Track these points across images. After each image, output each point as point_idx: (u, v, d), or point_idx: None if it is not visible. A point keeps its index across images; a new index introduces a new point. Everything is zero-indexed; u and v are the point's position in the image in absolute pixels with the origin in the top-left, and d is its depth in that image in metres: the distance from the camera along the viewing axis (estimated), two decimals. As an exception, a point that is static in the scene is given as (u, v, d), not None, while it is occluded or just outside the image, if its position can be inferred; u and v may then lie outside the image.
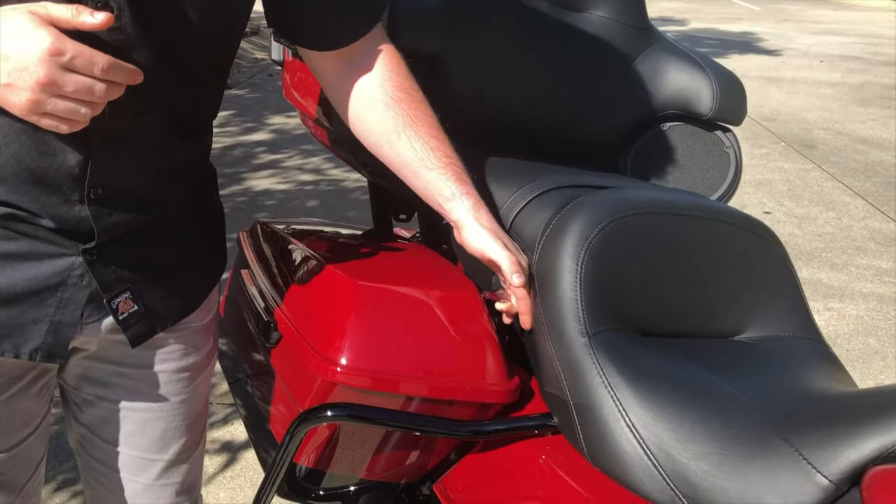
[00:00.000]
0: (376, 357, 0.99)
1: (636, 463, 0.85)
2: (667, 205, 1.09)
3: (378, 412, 1.00)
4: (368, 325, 1.02)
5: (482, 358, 1.03)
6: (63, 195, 0.82)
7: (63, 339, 0.88)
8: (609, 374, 0.90)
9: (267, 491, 1.10)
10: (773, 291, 1.12)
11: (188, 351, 1.04)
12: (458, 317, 1.05)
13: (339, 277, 1.08)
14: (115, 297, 0.89)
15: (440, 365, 1.01)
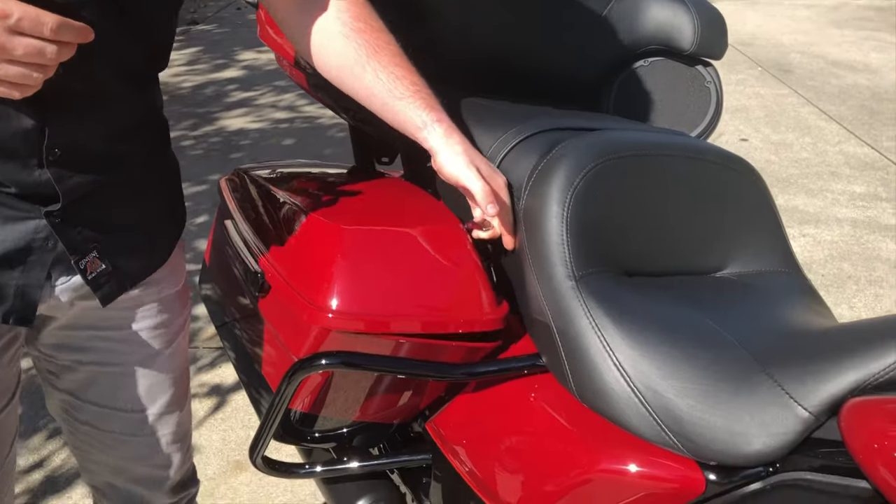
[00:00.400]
0: (367, 299, 1.00)
1: (623, 400, 0.88)
2: (649, 146, 1.10)
3: (371, 358, 1.02)
4: (355, 268, 1.02)
5: (470, 289, 1.03)
6: (21, 160, 0.81)
7: (31, 302, 0.88)
8: (596, 316, 0.92)
9: (264, 437, 1.13)
10: (755, 227, 1.14)
11: (163, 309, 1.04)
12: (442, 250, 1.05)
13: (322, 223, 1.08)
14: (83, 257, 0.89)
15: (430, 300, 1.02)
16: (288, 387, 1.04)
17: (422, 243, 1.06)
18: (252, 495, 1.82)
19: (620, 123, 1.25)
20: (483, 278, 1.04)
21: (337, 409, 1.16)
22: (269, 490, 1.84)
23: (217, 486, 1.84)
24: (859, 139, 4.28)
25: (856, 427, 0.76)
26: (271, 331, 1.16)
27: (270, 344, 1.17)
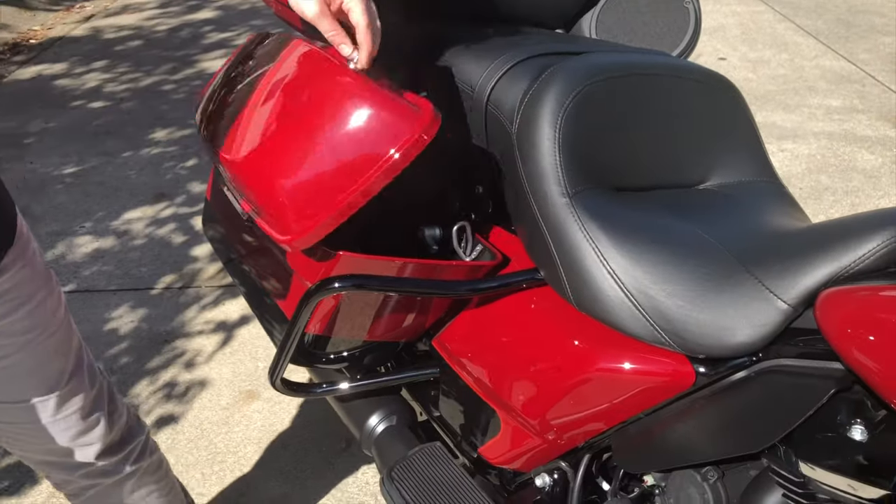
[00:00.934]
0: (305, 208, 0.98)
1: (618, 305, 0.96)
2: (634, 66, 1.15)
3: (381, 280, 1.08)
4: (276, 189, 1.01)
5: (388, 114, 0.97)
6: None
7: None
8: (590, 229, 0.99)
9: (282, 360, 1.20)
10: (734, 140, 1.20)
11: (23, 290, 0.97)
12: (338, 105, 0.99)
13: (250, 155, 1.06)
14: None
15: (358, 159, 0.97)
16: (304, 311, 1.11)
17: (314, 115, 1.00)
18: (265, 421, 1.92)
19: (603, 46, 1.29)
20: (386, 95, 0.98)
21: (348, 332, 1.23)
22: (281, 415, 1.93)
23: (231, 415, 1.93)
24: (836, 52, 4.33)
25: (830, 315, 0.84)
26: (280, 261, 1.22)
27: (280, 274, 1.23)
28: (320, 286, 1.08)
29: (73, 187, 3.00)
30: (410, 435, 1.34)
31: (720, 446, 0.94)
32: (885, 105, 3.65)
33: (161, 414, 1.93)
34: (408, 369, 1.34)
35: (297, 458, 1.81)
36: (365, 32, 0.94)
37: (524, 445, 1.11)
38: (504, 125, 1.11)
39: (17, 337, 0.98)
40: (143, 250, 2.61)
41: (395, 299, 1.18)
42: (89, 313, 2.29)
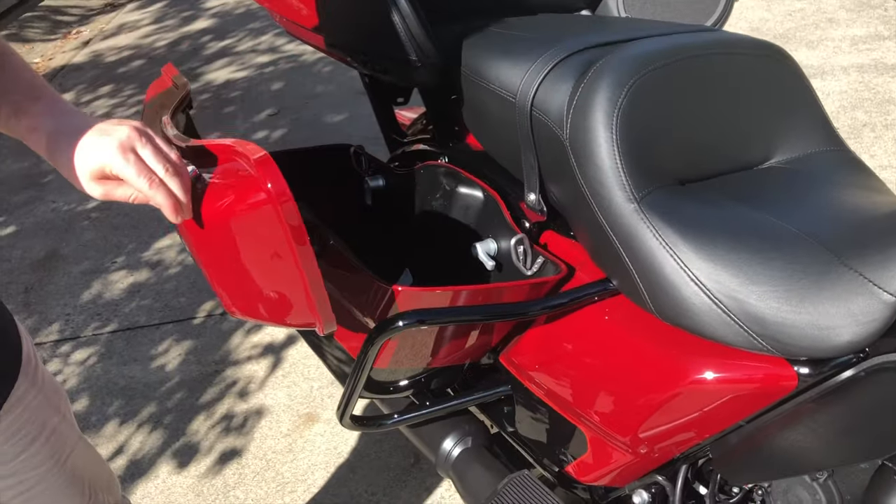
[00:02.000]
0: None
1: (707, 313, 0.90)
2: (681, 50, 1.08)
3: (445, 312, 1.03)
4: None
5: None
6: None
7: None
8: (664, 234, 0.93)
9: (351, 398, 1.16)
10: (793, 110, 1.13)
11: (31, 426, 0.91)
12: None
13: None
14: None
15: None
16: (370, 351, 1.06)
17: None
18: (328, 444, 1.88)
19: (639, 28, 1.21)
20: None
21: (413, 362, 1.19)
22: (344, 436, 1.90)
23: (294, 442, 1.90)
24: (851, -21, 4.18)
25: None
26: (337, 299, 1.17)
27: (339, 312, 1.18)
28: (383, 326, 1.03)
29: (99, 222, 2.97)
30: (488, 455, 1.30)
31: (836, 454, 0.88)
32: (912, 28, 3.52)
33: (223, 449, 1.91)
34: (477, 390, 1.29)
35: (367, 481, 1.78)
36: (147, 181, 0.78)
37: (615, 462, 1.06)
38: (553, 130, 1.04)
39: (36, 470, 0.92)
40: (178, 279, 2.58)
41: (462, 326, 1.13)
42: (135, 352, 2.27)
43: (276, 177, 0.83)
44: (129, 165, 0.76)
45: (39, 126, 0.81)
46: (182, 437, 1.95)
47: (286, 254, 0.87)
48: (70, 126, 0.80)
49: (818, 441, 0.89)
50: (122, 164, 0.76)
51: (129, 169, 0.76)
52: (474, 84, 1.17)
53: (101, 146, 0.77)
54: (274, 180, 0.83)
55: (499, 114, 1.14)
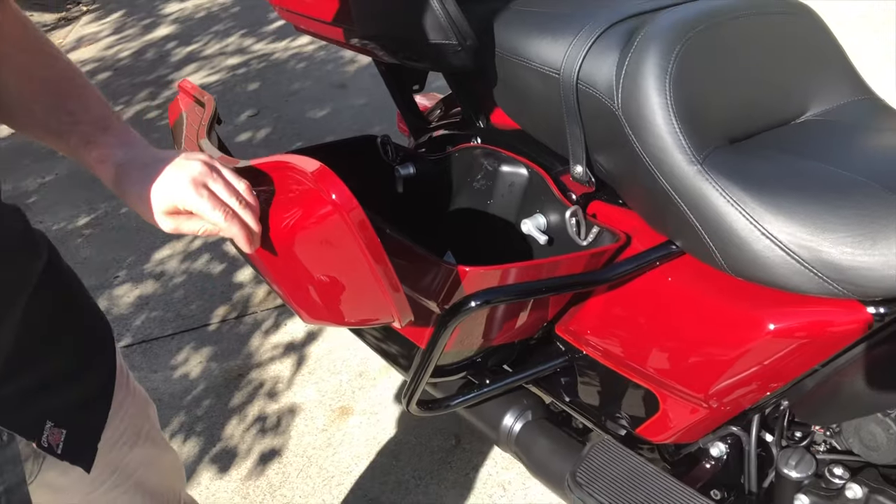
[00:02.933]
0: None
1: (781, 265, 0.93)
2: (719, 13, 1.11)
3: (517, 289, 1.05)
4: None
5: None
6: None
7: (23, 502, 0.76)
8: (731, 192, 0.96)
9: (419, 385, 1.18)
10: (823, 64, 1.17)
11: (130, 427, 0.93)
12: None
13: None
14: (41, 434, 0.76)
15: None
16: (442, 335, 1.08)
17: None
18: (367, 434, 1.90)
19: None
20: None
21: (477, 341, 1.21)
22: (382, 425, 1.92)
23: (332, 436, 1.91)
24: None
25: None
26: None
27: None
28: (455, 309, 1.05)
29: (93, 238, 2.94)
30: (550, 426, 1.33)
31: (918, 386, 0.92)
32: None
33: (262, 451, 1.91)
34: (533, 364, 1.31)
35: (412, 466, 1.80)
36: (219, 214, 0.79)
37: (690, 418, 1.09)
38: (602, 101, 1.06)
39: (132, 476, 0.94)
40: (186, 287, 2.56)
41: (523, 302, 1.15)
42: (154, 364, 2.25)
43: (339, 186, 0.84)
44: (204, 201, 0.77)
45: (109, 157, 0.81)
46: (218, 443, 1.95)
47: (358, 258, 0.88)
48: (139, 159, 0.81)
49: (894, 377, 0.93)
50: (195, 201, 0.77)
51: (203, 204, 0.77)
52: (512, 63, 1.18)
53: (174, 183, 0.77)
54: (337, 191, 0.83)
55: (540, 90, 1.16)
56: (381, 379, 2.06)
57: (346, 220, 0.82)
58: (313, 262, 0.93)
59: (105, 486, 0.89)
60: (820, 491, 1.09)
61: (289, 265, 0.94)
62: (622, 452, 1.11)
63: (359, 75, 3.78)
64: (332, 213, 0.83)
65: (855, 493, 1.05)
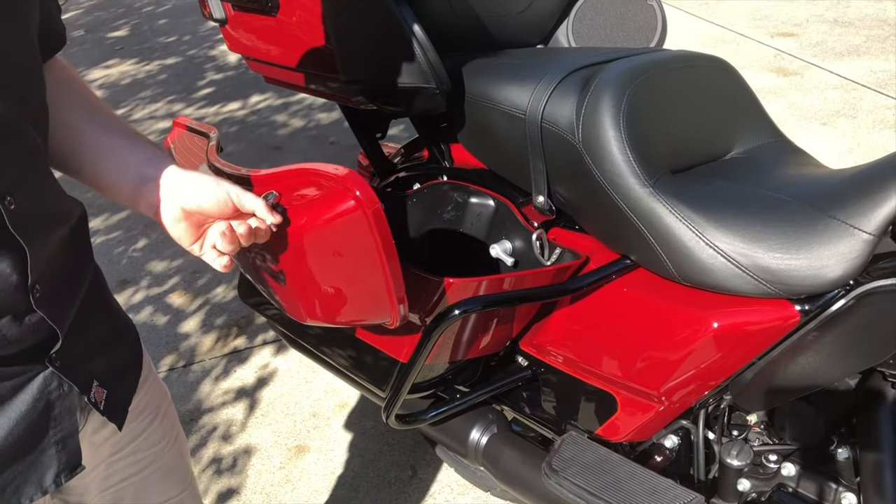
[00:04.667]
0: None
1: (723, 270, 1.10)
2: (658, 64, 1.30)
3: (501, 297, 1.18)
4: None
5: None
6: (9, 312, 0.73)
7: (73, 449, 0.82)
8: (679, 210, 1.13)
9: (399, 396, 1.28)
10: (743, 112, 1.37)
11: (151, 402, 1.00)
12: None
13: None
14: (90, 391, 0.83)
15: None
16: (427, 344, 1.19)
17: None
18: (325, 469, 1.96)
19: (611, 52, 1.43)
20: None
21: (452, 354, 1.32)
22: (338, 460, 1.98)
23: (290, 472, 1.96)
24: (701, 19, 4.68)
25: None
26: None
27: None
28: (440, 318, 1.17)
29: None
30: (516, 437, 1.44)
31: (838, 369, 1.09)
32: (763, 58, 4.01)
33: (219, 490, 1.94)
34: (498, 379, 1.43)
35: (371, 497, 1.87)
36: (265, 211, 0.89)
37: (646, 415, 1.24)
38: (565, 137, 1.23)
39: (151, 449, 1.01)
40: (128, 339, 2.57)
41: (496, 315, 1.28)
42: (101, 412, 2.25)
43: (364, 185, 0.96)
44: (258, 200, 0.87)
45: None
46: (173, 485, 1.96)
47: (371, 256, 1.00)
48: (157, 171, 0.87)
49: (822, 362, 1.10)
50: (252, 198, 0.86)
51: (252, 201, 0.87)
52: (481, 106, 1.34)
53: (220, 185, 0.85)
54: (362, 189, 0.96)
55: (507, 129, 1.32)
56: (335, 418, 2.13)
57: (367, 214, 0.94)
58: (321, 260, 1.02)
59: (126, 452, 0.96)
60: (759, 476, 1.25)
61: (294, 264, 1.03)
62: (589, 444, 1.24)
63: (294, 138, 3.90)
64: (355, 209, 0.95)
65: (789, 471, 1.21)
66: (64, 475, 0.80)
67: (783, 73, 3.88)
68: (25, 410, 0.76)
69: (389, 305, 1.05)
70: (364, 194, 0.96)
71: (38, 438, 0.78)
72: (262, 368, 2.35)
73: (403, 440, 2.02)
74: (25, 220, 0.72)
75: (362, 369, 1.45)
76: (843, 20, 4.52)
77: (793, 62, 3.97)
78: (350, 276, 1.05)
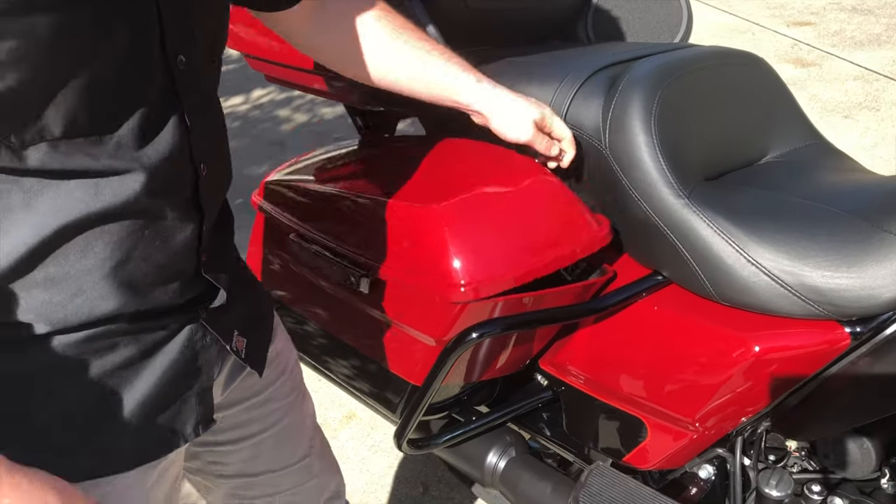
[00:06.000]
0: (493, 263, 1.05)
1: (766, 289, 1.00)
2: (686, 62, 1.20)
3: (514, 319, 1.09)
4: (469, 239, 1.07)
5: (575, 216, 1.12)
6: (182, 275, 0.76)
7: (209, 404, 0.83)
8: (717, 223, 1.03)
9: (413, 421, 1.19)
10: (779, 112, 1.28)
11: (280, 354, 1.00)
12: (532, 192, 1.13)
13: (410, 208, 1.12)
14: (231, 340, 0.85)
15: (544, 242, 1.08)
16: (443, 367, 1.10)
17: (510, 193, 1.12)
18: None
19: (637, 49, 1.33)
20: (579, 203, 1.13)
21: (467, 376, 1.23)
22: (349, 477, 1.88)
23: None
24: (717, 9, 4.57)
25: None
26: (388, 324, 1.20)
27: (391, 337, 1.21)
28: (459, 340, 1.08)
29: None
30: (534, 461, 1.35)
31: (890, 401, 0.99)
32: (779, 48, 3.89)
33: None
34: (517, 400, 1.34)
35: (381, 515, 1.78)
36: (570, 142, 1.12)
37: (679, 443, 1.14)
38: (590, 142, 1.13)
39: (283, 400, 1.00)
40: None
41: (515, 335, 1.18)
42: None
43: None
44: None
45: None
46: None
47: None
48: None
49: (875, 390, 1.01)
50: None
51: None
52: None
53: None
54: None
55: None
56: (342, 430, 2.04)
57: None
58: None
59: (260, 399, 0.96)
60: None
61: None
62: (618, 476, 1.14)
63: (297, 133, 3.81)
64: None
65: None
66: (202, 426, 0.82)
67: (801, 64, 3.77)
68: (174, 360, 0.78)
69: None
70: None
71: (184, 387, 0.79)
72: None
73: (414, 455, 1.93)
74: (209, 188, 0.76)
75: (370, 389, 1.36)
76: (862, 8, 4.39)
77: (811, 52, 3.85)
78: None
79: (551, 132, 1.11)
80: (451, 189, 1.14)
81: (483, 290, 1.06)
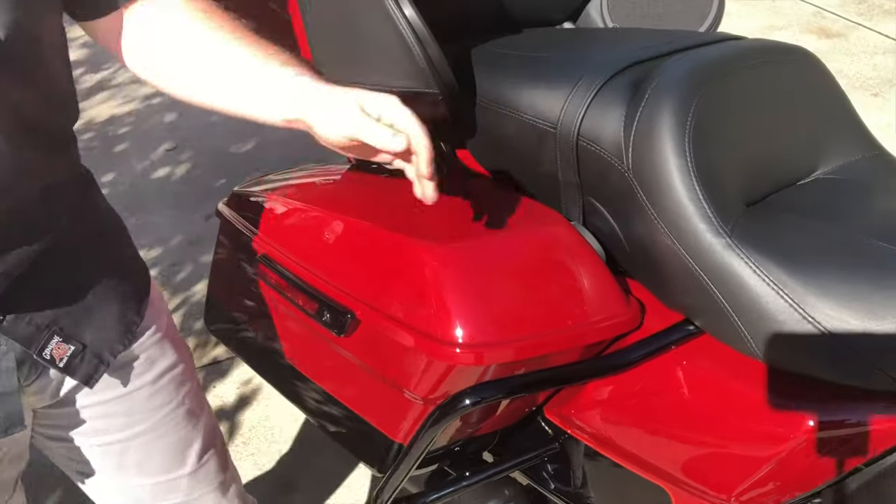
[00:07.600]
0: (500, 327, 0.89)
1: (826, 353, 0.82)
2: (726, 62, 1.00)
3: (524, 379, 0.91)
4: (473, 292, 0.90)
5: (598, 289, 0.94)
6: None
7: (14, 409, 0.80)
8: (767, 269, 0.84)
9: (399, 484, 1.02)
10: (830, 117, 1.08)
11: (155, 359, 0.93)
12: (553, 250, 0.96)
13: (411, 244, 0.94)
14: (44, 346, 0.80)
15: (559, 312, 0.92)
16: (436, 429, 0.92)
17: (530, 246, 0.94)
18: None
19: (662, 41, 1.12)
20: (606, 273, 0.95)
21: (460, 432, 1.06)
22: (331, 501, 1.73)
23: None
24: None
25: None
26: (366, 370, 1.02)
27: (369, 386, 1.03)
28: (452, 405, 0.90)
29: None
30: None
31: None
32: (801, 17, 3.65)
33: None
34: (520, 450, 1.16)
35: (367, 550, 1.62)
36: (420, 137, 0.81)
37: (709, 520, 0.96)
38: (609, 160, 0.94)
39: (151, 412, 0.94)
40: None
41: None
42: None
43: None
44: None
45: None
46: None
47: None
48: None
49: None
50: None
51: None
52: (498, 114, 1.04)
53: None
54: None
55: (531, 146, 1.02)
56: (326, 447, 1.87)
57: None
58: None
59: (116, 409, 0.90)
60: None
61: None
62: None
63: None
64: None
65: None
66: (8, 430, 0.79)
67: (825, 34, 3.53)
68: None
69: None
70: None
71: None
72: (244, 384, 2.09)
73: (404, 477, 1.77)
74: None
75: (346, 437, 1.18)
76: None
77: (836, 22, 3.61)
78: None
79: (386, 120, 0.80)
80: (458, 229, 0.96)
81: (484, 358, 0.88)
